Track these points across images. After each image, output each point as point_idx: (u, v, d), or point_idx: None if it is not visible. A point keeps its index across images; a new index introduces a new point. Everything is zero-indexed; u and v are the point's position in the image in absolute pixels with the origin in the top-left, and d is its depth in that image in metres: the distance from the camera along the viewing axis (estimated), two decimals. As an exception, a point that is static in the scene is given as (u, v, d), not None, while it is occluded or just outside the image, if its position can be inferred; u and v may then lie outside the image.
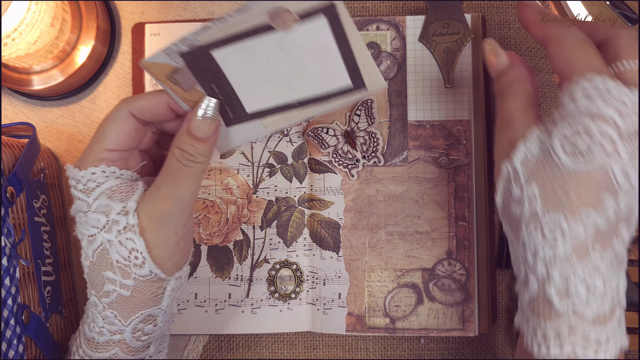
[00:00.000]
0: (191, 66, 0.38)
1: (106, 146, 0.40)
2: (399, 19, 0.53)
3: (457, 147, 0.53)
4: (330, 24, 0.35)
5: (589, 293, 0.33)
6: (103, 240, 0.39)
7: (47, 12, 0.48)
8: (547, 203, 0.34)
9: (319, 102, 0.39)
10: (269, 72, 0.38)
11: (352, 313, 0.53)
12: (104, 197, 0.39)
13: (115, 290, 0.40)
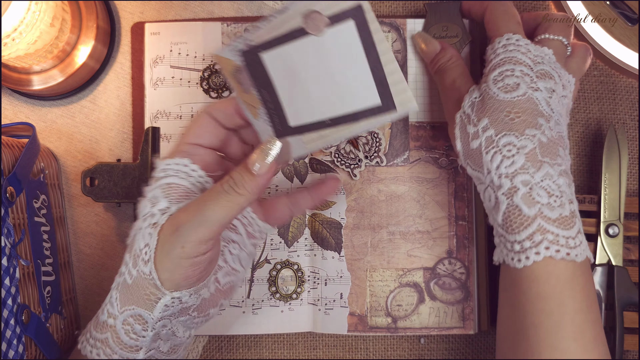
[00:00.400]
0: (249, 67, 0.40)
1: (186, 139, 0.43)
2: (400, 21, 0.53)
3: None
4: (358, 29, 0.36)
5: (550, 198, 0.40)
6: (139, 226, 0.41)
7: (47, 12, 0.48)
8: (499, 129, 0.42)
9: (350, 121, 0.40)
10: (307, 84, 0.39)
11: (354, 313, 0.53)
12: (158, 189, 0.42)
13: (124, 274, 0.41)
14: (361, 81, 0.38)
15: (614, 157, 0.52)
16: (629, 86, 0.56)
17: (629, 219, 0.54)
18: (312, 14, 0.37)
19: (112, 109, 0.56)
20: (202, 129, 0.43)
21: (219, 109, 0.43)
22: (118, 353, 0.41)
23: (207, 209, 0.38)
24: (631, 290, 0.51)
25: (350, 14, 0.36)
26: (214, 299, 0.44)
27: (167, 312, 0.41)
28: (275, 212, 0.48)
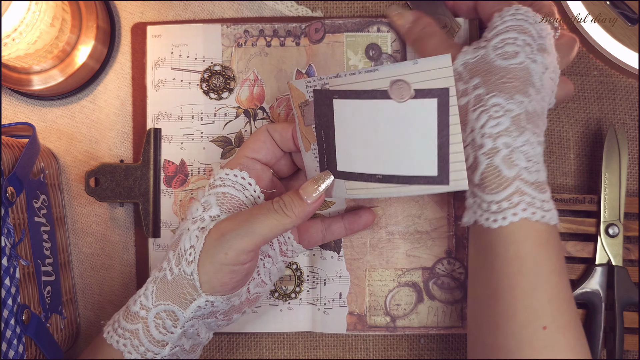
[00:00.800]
0: (316, 105, 0.42)
1: (245, 153, 0.46)
2: None
3: None
4: (438, 107, 0.39)
5: (528, 162, 0.41)
6: (186, 226, 0.43)
7: (47, 12, 0.48)
8: (489, 89, 0.42)
9: (401, 183, 0.42)
10: (369, 139, 0.41)
11: (353, 312, 0.53)
12: (213, 197, 0.44)
13: (165, 270, 0.43)
14: (425, 151, 0.40)
15: (614, 157, 0.52)
16: (629, 86, 0.56)
17: (629, 219, 0.54)
18: (400, 82, 0.39)
19: (112, 109, 0.56)
20: (261, 144, 0.46)
21: (278, 130, 0.46)
22: (145, 345, 0.43)
23: (255, 222, 0.41)
24: (631, 290, 0.51)
25: (436, 94, 0.39)
26: (241, 306, 0.46)
27: (198, 312, 0.43)
28: (309, 235, 0.50)
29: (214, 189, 0.44)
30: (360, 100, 0.41)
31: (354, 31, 0.53)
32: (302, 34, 0.54)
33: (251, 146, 0.46)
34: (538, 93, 0.43)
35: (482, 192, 0.42)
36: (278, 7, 0.56)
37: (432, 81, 0.38)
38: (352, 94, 0.41)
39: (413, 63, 0.38)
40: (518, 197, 0.40)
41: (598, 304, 0.51)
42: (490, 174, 0.41)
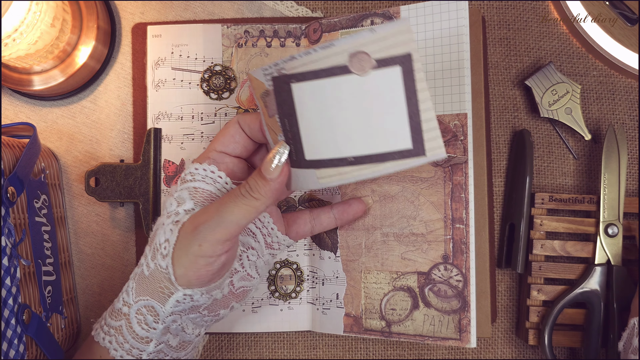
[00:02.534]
0: (277, 93, 0.40)
1: (215, 147, 0.45)
2: (393, 10, 0.52)
3: (454, 143, 0.50)
4: (403, 75, 0.36)
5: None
6: (162, 221, 0.43)
7: (48, 12, 0.48)
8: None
9: (375, 161, 0.39)
10: (335, 120, 0.39)
11: (349, 314, 0.53)
12: (185, 191, 0.44)
13: (142, 265, 0.43)
14: (396, 124, 0.38)
15: (613, 157, 0.52)
16: (628, 86, 0.56)
17: (628, 219, 0.54)
18: (359, 54, 0.36)
19: (112, 109, 0.57)
20: (229, 138, 0.45)
21: (246, 122, 0.45)
22: (130, 342, 0.43)
23: (225, 211, 0.40)
24: (630, 290, 0.51)
25: (399, 61, 0.36)
26: (226, 300, 0.46)
27: (178, 307, 0.42)
28: (297, 226, 0.50)
29: (186, 183, 0.44)
30: (320, 80, 0.38)
31: (349, 27, 0.53)
32: (302, 34, 0.54)
33: (220, 139, 0.45)
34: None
35: None
36: (278, 8, 0.56)
37: (392, 48, 0.36)
38: (310, 74, 0.38)
39: (370, 31, 0.35)
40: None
41: (597, 304, 0.52)
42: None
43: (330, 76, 0.37)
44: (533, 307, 0.53)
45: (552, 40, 0.56)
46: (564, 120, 0.54)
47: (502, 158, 0.56)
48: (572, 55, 0.56)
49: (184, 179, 0.44)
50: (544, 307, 0.53)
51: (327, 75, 0.37)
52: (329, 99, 0.38)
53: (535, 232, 0.53)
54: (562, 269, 0.53)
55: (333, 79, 0.37)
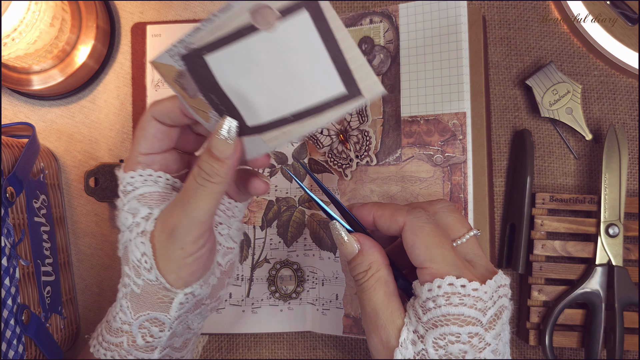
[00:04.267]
0: (191, 71, 0.38)
1: (139, 150, 0.42)
2: (392, 8, 0.52)
3: (453, 143, 0.51)
4: (313, 19, 0.34)
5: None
6: (127, 238, 0.42)
7: (47, 12, 0.48)
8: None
9: (315, 114, 0.37)
10: (261, 82, 0.37)
11: (348, 315, 0.52)
12: (134, 201, 0.42)
13: (129, 285, 0.42)
14: (322, 72, 0.36)
15: (614, 157, 0.52)
16: (629, 86, 0.56)
17: (629, 219, 0.54)
18: (260, 9, 0.34)
19: (111, 109, 0.56)
20: (151, 139, 0.42)
21: (162, 112, 0.41)
22: (133, 354, 0.42)
23: (191, 208, 0.39)
24: (631, 290, 0.51)
25: (303, 4, 0.33)
26: (221, 281, 0.45)
27: (182, 309, 0.42)
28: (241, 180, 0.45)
29: (130, 194, 0.42)
30: (232, 46, 0.36)
31: (348, 26, 0.52)
32: (302, 33, 0.54)
33: (141, 143, 0.42)
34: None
35: None
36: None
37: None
38: (220, 42, 0.36)
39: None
40: None
41: (598, 304, 0.51)
42: None
43: (240, 38, 0.35)
44: (534, 308, 0.53)
45: (553, 40, 0.56)
46: (564, 120, 0.54)
47: (502, 158, 0.56)
48: (573, 55, 0.56)
49: (125, 191, 0.42)
50: (544, 308, 0.53)
51: (237, 39, 0.35)
52: (247, 63, 0.36)
53: (536, 232, 0.53)
54: (562, 269, 0.53)
55: (244, 41, 0.35)
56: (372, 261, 0.38)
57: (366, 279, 0.38)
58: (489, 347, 0.35)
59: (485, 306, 0.35)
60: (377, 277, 0.38)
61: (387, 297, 0.38)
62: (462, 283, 0.35)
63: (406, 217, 0.38)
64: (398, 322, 0.37)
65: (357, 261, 0.39)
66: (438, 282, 0.35)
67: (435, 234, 0.37)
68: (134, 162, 0.42)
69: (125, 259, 0.42)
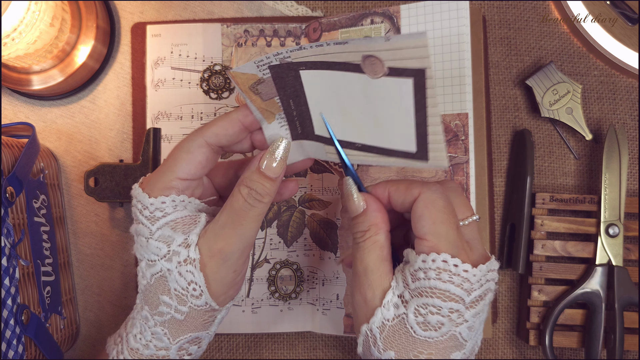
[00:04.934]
0: (276, 79, 0.39)
1: (178, 175, 0.40)
2: (394, 9, 0.52)
3: (455, 143, 0.51)
4: (414, 87, 0.36)
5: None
6: (163, 268, 0.40)
7: (47, 11, 0.48)
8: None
9: (380, 154, 0.40)
10: (345, 108, 0.39)
11: (349, 315, 0.52)
12: (167, 228, 0.40)
13: (170, 313, 0.41)
14: (403, 128, 0.38)
15: (614, 157, 0.52)
16: (629, 86, 0.56)
17: (629, 219, 0.54)
18: (373, 58, 0.35)
19: (111, 109, 0.56)
20: (195, 165, 0.41)
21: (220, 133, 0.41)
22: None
23: (244, 230, 0.39)
24: (631, 291, 0.51)
25: (412, 73, 0.35)
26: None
27: (221, 321, 0.43)
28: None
29: (159, 220, 0.40)
30: (333, 72, 0.37)
31: (348, 27, 0.53)
32: (302, 34, 0.54)
33: (184, 168, 0.40)
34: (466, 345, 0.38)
35: None
36: (278, 7, 0.56)
37: (406, 60, 0.35)
38: (322, 65, 0.37)
39: (385, 40, 0.34)
40: None
41: (598, 304, 0.51)
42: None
43: (343, 70, 0.37)
44: (534, 308, 0.53)
45: (553, 40, 0.56)
46: (564, 120, 0.54)
47: (502, 158, 0.56)
48: (573, 54, 0.56)
49: (152, 217, 0.40)
50: (544, 308, 0.53)
51: (340, 69, 0.37)
52: (340, 89, 0.38)
53: (536, 232, 0.53)
54: (562, 269, 0.53)
55: (345, 73, 0.37)
56: (373, 223, 0.39)
57: (363, 239, 0.39)
58: (466, 323, 0.37)
59: (471, 287, 0.37)
60: (374, 239, 0.39)
61: (379, 261, 0.39)
62: (455, 263, 0.36)
63: (422, 189, 0.38)
64: (385, 285, 0.38)
65: (360, 220, 0.40)
66: (433, 257, 0.36)
67: (446, 211, 0.38)
68: (166, 187, 0.40)
69: (158, 289, 0.41)
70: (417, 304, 0.37)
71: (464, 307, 0.36)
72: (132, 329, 0.42)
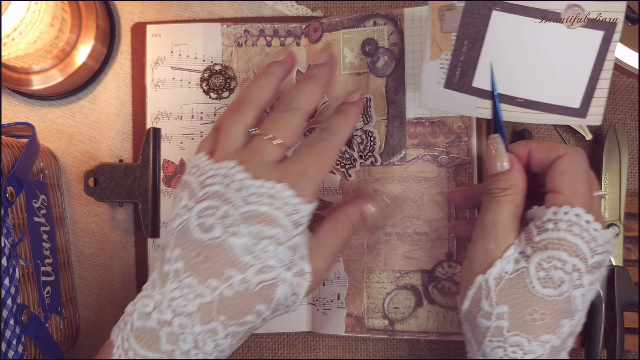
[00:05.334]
0: (465, 12, 0.40)
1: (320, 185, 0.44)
2: (397, 12, 0.52)
3: (457, 144, 0.51)
4: (602, 40, 0.39)
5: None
6: (279, 276, 0.39)
7: (47, 11, 0.48)
8: (514, 324, 0.37)
9: (541, 110, 0.41)
10: (521, 59, 0.40)
11: (351, 314, 0.52)
12: (302, 237, 0.40)
13: (253, 323, 0.40)
14: (574, 82, 0.40)
15: (614, 157, 0.52)
16: (629, 86, 0.56)
17: (629, 219, 0.54)
18: (577, 7, 0.38)
19: (111, 109, 0.56)
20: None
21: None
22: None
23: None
24: (631, 291, 0.51)
25: (605, 26, 0.38)
26: None
27: None
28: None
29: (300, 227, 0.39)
30: (525, 17, 0.39)
31: (350, 27, 0.53)
32: (302, 34, 0.54)
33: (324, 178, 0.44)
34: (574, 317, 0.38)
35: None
36: (278, 7, 0.56)
37: (607, 13, 0.38)
38: (518, 8, 0.39)
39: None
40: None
41: (599, 304, 0.51)
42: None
43: (539, 18, 0.39)
44: (534, 308, 0.53)
45: (553, 40, 0.56)
46: (565, 120, 0.54)
47: (502, 158, 0.56)
48: (573, 54, 0.56)
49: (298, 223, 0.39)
50: (544, 308, 0.53)
51: (535, 16, 0.39)
52: (524, 38, 0.39)
53: (536, 232, 0.53)
54: (563, 269, 0.53)
55: (538, 22, 0.39)
56: (515, 184, 0.40)
57: (502, 195, 0.40)
58: (582, 288, 0.37)
59: (596, 248, 0.37)
60: (512, 198, 0.40)
61: (511, 217, 0.40)
62: (588, 219, 0.37)
63: (567, 149, 0.40)
64: (509, 240, 0.39)
65: (502, 177, 0.41)
66: (566, 209, 0.37)
67: (587, 174, 0.40)
68: (316, 193, 0.42)
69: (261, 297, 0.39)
70: (540, 257, 0.37)
71: (585, 268, 0.37)
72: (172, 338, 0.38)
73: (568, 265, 0.37)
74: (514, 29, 0.40)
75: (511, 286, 0.38)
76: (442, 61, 0.42)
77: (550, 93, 0.41)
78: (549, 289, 0.37)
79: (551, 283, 0.37)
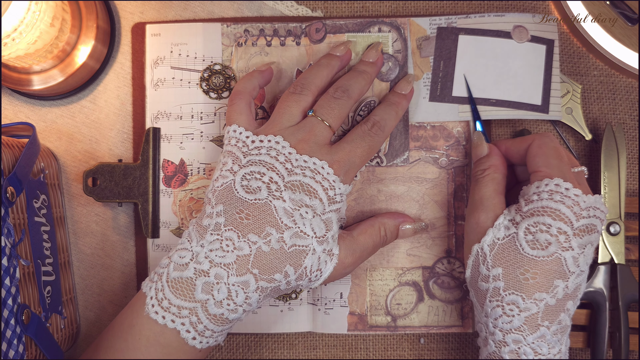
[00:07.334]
0: (438, 40, 0.51)
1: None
2: (401, 20, 0.53)
3: (457, 147, 0.53)
4: (546, 52, 0.51)
5: (536, 356, 0.42)
6: (311, 245, 0.43)
7: (47, 12, 0.48)
8: (509, 284, 0.42)
9: (511, 107, 0.51)
10: (489, 67, 0.51)
11: (354, 312, 0.53)
12: (334, 213, 0.44)
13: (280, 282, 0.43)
14: (533, 84, 0.51)
15: (612, 156, 0.52)
16: (629, 86, 0.56)
17: (629, 219, 0.54)
18: (521, 27, 0.51)
19: (112, 109, 0.56)
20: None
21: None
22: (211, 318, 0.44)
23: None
24: (634, 288, 0.51)
25: (545, 42, 0.51)
26: None
27: None
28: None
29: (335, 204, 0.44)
30: (485, 37, 0.51)
31: (355, 31, 0.53)
32: (303, 33, 0.54)
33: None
34: (568, 279, 0.42)
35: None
36: (278, 7, 0.56)
37: (544, 33, 0.51)
38: (479, 31, 0.51)
39: (532, 16, 0.51)
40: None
41: (602, 304, 0.51)
42: (496, 357, 0.43)
43: (495, 37, 0.51)
44: (534, 307, 0.53)
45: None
46: (564, 120, 0.54)
47: (502, 158, 0.56)
48: (573, 54, 0.56)
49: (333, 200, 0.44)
50: (544, 307, 0.53)
51: (492, 36, 0.51)
52: (488, 51, 0.51)
53: (536, 231, 0.53)
54: (563, 269, 0.53)
55: (496, 39, 0.51)
56: (493, 164, 0.47)
57: (482, 175, 0.47)
58: (572, 251, 0.41)
59: (580, 213, 0.41)
60: (492, 177, 0.47)
61: (495, 192, 0.46)
62: (567, 186, 0.42)
63: (534, 136, 0.46)
64: (498, 210, 0.45)
65: (482, 161, 0.48)
66: (546, 181, 0.42)
67: (558, 150, 0.45)
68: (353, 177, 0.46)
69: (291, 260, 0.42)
70: (527, 223, 0.42)
71: (571, 231, 0.41)
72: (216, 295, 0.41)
73: (553, 229, 0.41)
74: (479, 46, 0.51)
75: (504, 250, 0.43)
76: (424, 80, 0.52)
77: (517, 93, 0.51)
78: (537, 250, 0.41)
79: (538, 245, 0.41)
